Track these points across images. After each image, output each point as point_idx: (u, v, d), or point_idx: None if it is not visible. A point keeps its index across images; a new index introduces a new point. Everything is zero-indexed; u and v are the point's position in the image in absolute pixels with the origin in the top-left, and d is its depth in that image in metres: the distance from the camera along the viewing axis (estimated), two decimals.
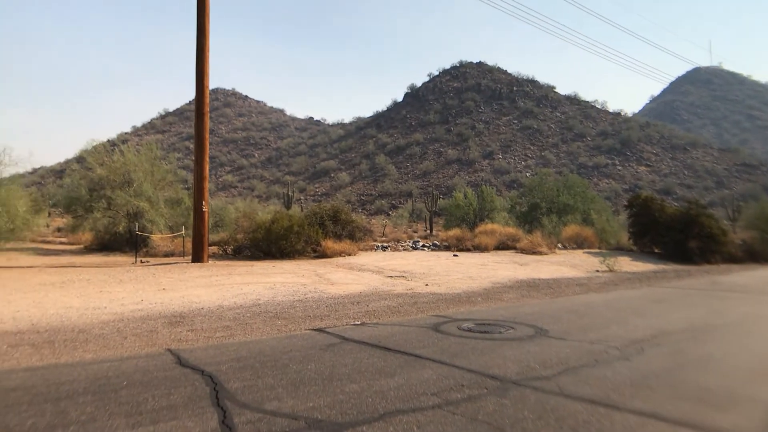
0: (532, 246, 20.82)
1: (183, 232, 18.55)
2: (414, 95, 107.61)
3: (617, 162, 74.81)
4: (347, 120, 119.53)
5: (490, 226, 25.47)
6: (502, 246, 22.33)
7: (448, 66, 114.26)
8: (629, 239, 24.28)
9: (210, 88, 16.57)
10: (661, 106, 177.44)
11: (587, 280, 14.14)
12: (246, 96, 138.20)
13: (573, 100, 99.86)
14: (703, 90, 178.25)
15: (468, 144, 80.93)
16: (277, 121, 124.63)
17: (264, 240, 17.34)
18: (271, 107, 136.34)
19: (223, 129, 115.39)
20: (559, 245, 23.28)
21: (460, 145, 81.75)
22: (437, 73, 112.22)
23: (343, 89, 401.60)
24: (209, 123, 16.43)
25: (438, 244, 23.51)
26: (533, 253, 20.17)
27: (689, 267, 19.42)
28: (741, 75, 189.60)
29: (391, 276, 13.18)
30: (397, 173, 76.59)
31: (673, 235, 21.58)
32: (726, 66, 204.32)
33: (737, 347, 6.14)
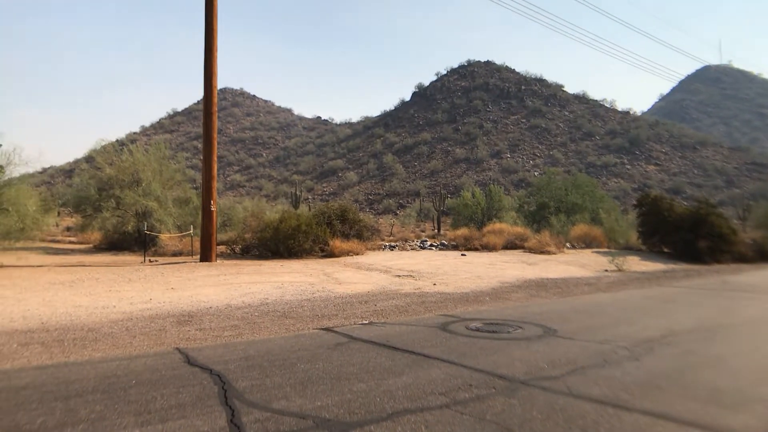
0: (540, 245, 20.75)
1: (191, 231, 18.62)
2: (422, 94, 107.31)
3: (626, 161, 74.33)
4: (355, 119, 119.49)
5: (498, 225, 25.42)
6: (510, 245, 22.27)
7: (456, 65, 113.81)
8: (638, 239, 24.11)
9: (218, 87, 16.64)
10: (671, 104, 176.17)
11: (596, 279, 14.08)
12: (254, 95, 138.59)
13: (581, 98, 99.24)
14: (713, 88, 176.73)
15: (476, 143, 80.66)
16: (285, 121, 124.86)
17: (272, 239, 17.38)
18: (279, 107, 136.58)
19: (231, 128, 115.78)
20: (568, 245, 23.19)
21: (468, 145, 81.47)
22: (445, 72, 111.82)
23: (351, 89, 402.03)
24: (217, 122, 16.49)
25: (446, 243, 23.47)
26: (541, 253, 20.10)
27: (699, 267, 19.28)
28: (751, 73, 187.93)
29: (399, 275, 13.16)
30: (405, 172, 76.42)
31: (683, 235, 21.42)
32: (736, 64, 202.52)
33: (748, 347, 6.10)
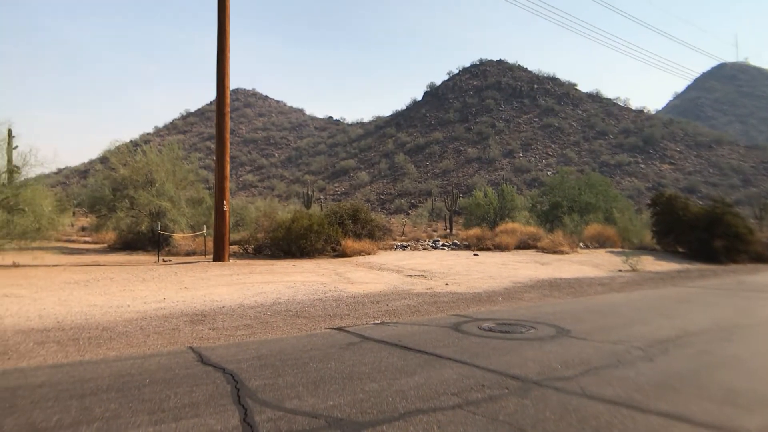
0: (553, 245, 20.63)
1: (204, 231, 18.75)
2: (433, 94, 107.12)
3: (640, 160, 73.66)
4: (366, 119, 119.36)
5: (510, 225, 25.30)
6: (522, 245, 22.17)
7: (468, 64, 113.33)
8: (652, 238, 23.89)
9: (230, 88, 16.72)
10: (685, 102, 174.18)
11: (609, 279, 13.96)
12: (266, 96, 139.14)
13: (595, 97, 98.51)
14: (729, 86, 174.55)
15: (488, 142, 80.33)
16: (297, 121, 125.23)
17: (284, 239, 17.45)
18: (291, 107, 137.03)
19: (244, 129, 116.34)
20: (581, 244, 23.03)
21: (480, 144, 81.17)
22: (457, 72, 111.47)
23: (363, 88, 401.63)
24: (230, 123, 16.57)
25: (458, 243, 23.41)
26: (554, 253, 19.99)
27: (714, 266, 19.06)
28: None
29: (411, 275, 13.15)
30: (417, 172, 76.30)
31: (698, 234, 21.18)
32: (752, 61, 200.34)
33: (765, 348, 6.03)
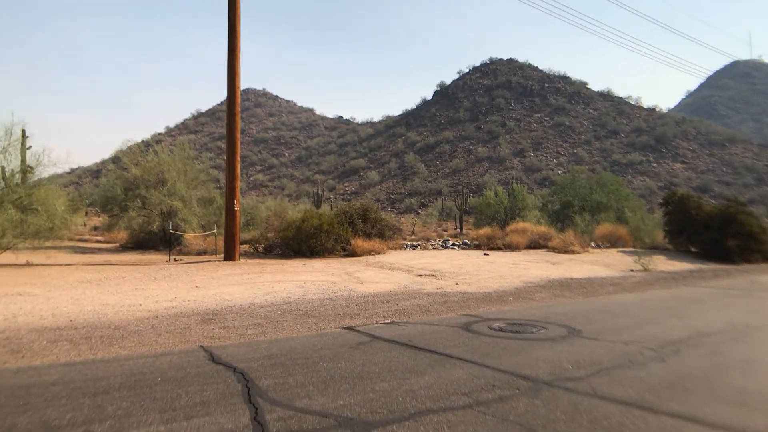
0: (564, 245, 20.51)
1: (215, 230, 18.83)
2: (444, 93, 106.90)
3: (652, 159, 73.11)
4: (376, 119, 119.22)
5: (521, 224, 25.20)
6: (533, 245, 22.06)
7: (478, 63, 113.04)
8: (665, 238, 23.70)
9: (241, 88, 16.78)
10: (698, 101, 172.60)
11: (621, 279, 13.86)
12: (276, 96, 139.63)
13: (606, 96, 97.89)
14: (743, 84, 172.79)
15: (498, 141, 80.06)
16: (307, 121, 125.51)
17: (294, 238, 17.48)
18: (301, 107, 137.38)
19: (254, 129, 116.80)
20: (593, 244, 22.89)
21: (490, 143, 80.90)
22: (467, 71, 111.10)
23: (373, 88, 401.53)
24: (240, 123, 16.63)
25: (468, 242, 23.35)
26: (565, 252, 19.87)
27: (727, 266, 18.86)
28: None
29: (421, 275, 13.13)
30: (427, 171, 76.20)
31: (711, 234, 20.97)
32: (766, 59, 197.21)
33: None
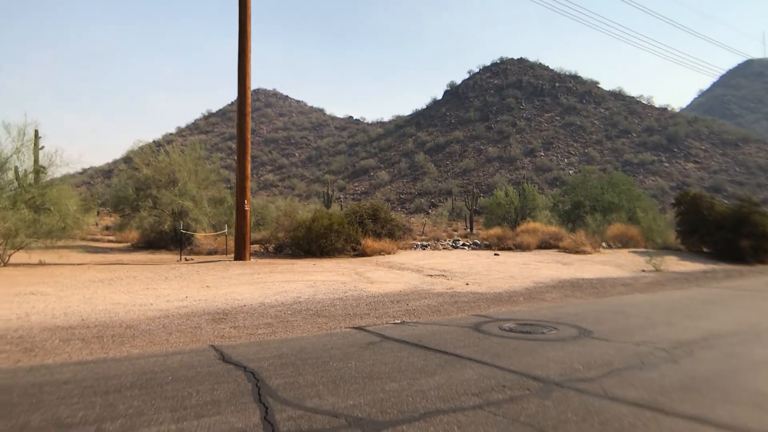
0: (575, 245, 20.39)
1: (226, 230, 18.91)
2: (454, 93, 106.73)
3: (664, 159, 72.55)
4: (386, 118, 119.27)
5: (531, 224, 25.09)
6: (544, 245, 21.95)
7: (488, 63, 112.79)
8: (677, 238, 23.50)
9: (251, 89, 16.85)
10: (711, 100, 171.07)
11: (633, 280, 13.76)
12: (286, 96, 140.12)
13: (617, 95, 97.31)
14: (756, 83, 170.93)
15: (509, 141, 79.83)
16: (317, 121, 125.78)
17: (304, 238, 17.52)
18: (311, 107, 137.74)
19: (265, 129, 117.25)
20: (604, 244, 22.74)
21: (500, 143, 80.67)
22: (477, 70, 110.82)
23: (383, 88, 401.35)
24: (251, 123, 16.69)
25: (478, 242, 23.28)
26: (576, 253, 19.76)
27: (741, 267, 18.66)
28: None
29: (431, 275, 13.11)
30: (437, 171, 76.12)
31: (724, 234, 20.76)
32: None
33: None
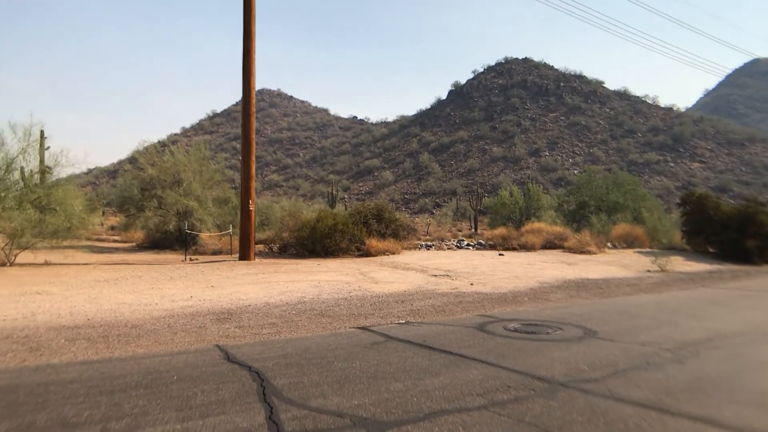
0: (580, 245, 20.34)
1: (230, 230, 18.93)
2: (458, 93, 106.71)
3: (669, 158, 72.31)
4: (391, 118, 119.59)
5: (536, 224, 25.03)
6: (549, 245, 21.90)
7: (493, 63, 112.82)
8: (682, 238, 23.41)
9: (256, 89, 16.88)
10: (716, 99, 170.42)
11: (638, 280, 13.70)
12: (291, 96, 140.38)
13: (622, 95, 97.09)
14: (763, 82, 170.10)
15: (514, 141, 79.74)
16: (322, 121, 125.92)
17: (309, 238, 17.53)
18: (316, 107, 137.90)
19: (269, 129, 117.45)
20: (609, 244, 22.68)
21: (505, 143, 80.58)
22: (482, 70, 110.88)
23: (387, 88, 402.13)
24: (255, 123, 16.72)
25: (483, 243, 23.25)
26: (581, 253, 19.71)
27: (747, 267, 18.57)
28: None
29: (436, 275, 13.09)
30: (441, 171, 76.08)
31: (730, 234, 20.65)
32: None
33: None
